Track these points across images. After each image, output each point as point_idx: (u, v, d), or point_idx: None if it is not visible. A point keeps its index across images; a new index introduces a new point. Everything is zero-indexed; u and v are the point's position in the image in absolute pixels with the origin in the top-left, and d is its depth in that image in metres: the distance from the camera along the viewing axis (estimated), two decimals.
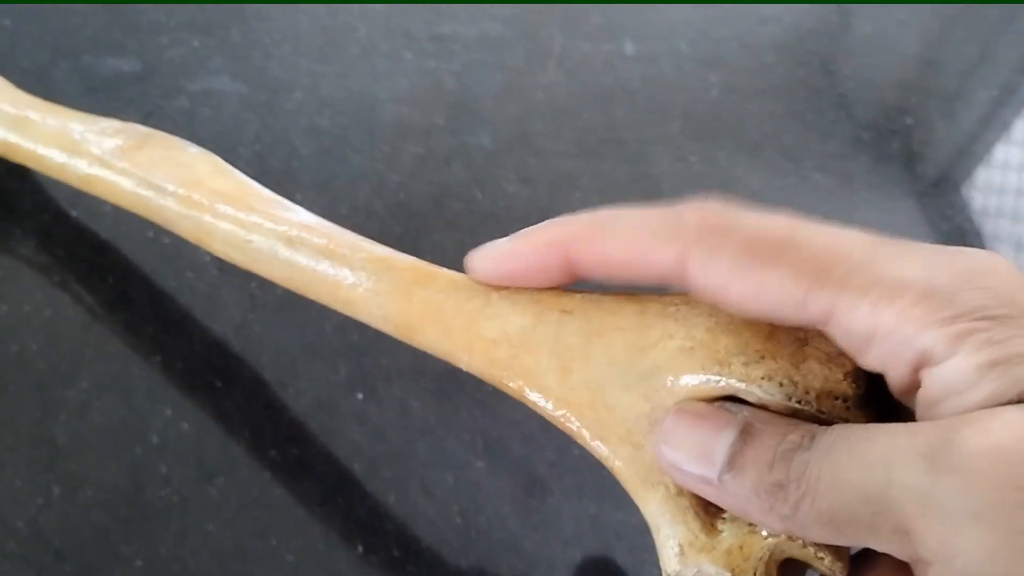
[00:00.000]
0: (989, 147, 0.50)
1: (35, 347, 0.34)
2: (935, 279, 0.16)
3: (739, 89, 0.46)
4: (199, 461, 0.32)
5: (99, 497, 0.31)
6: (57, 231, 0.36)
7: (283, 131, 0.41)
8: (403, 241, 0.25)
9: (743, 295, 0.18)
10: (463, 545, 0.31)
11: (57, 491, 0.31)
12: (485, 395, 0.34)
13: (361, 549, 0.31)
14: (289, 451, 0.33)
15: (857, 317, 0.17)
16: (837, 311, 0.17)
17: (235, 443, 0.32)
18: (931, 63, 0.51)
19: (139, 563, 0.30)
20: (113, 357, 0.34)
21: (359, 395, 0.34)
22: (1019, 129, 0.50)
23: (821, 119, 0.45)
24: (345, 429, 0.33)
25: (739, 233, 0.18)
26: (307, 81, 0.43)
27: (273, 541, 0.31)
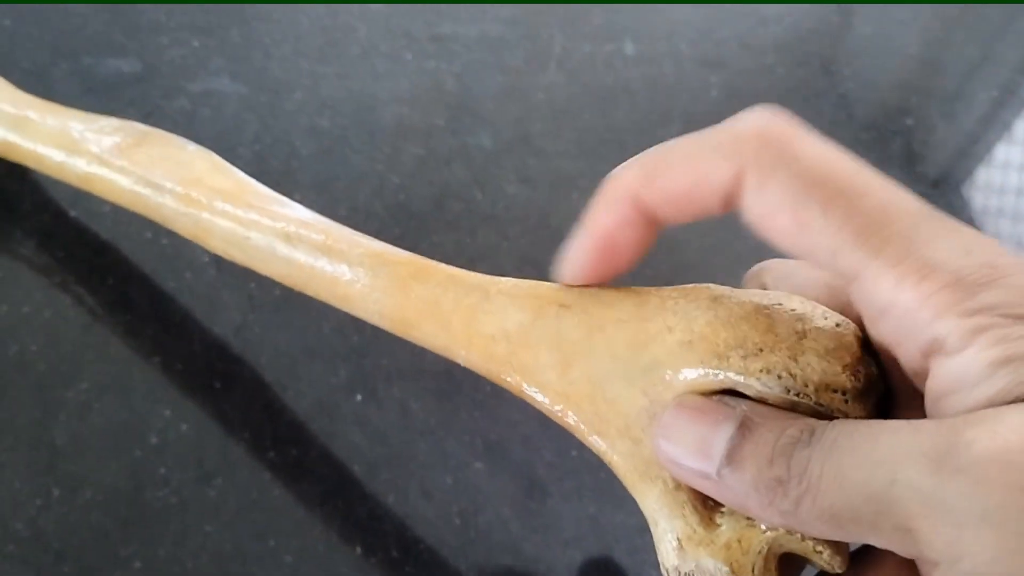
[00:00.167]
0: (990, 147, 0.50)
1: (35, 348, 0.34)
2: (965, 268, 0.16)
3: (739, 90, 0.46)
4: (198, 462, 0.32)
5: (98, 498, 0.31)
6: (57, 232, 0.36)
7: (283, 132, 0.41)
8: (402, 242, 0.25)
9: (786, 229, 0.17)
10: (462, 546, 0.31)
11: (56, 492, 0.31)
12: (484, 396, 0.34)
13: (360, 550, 0.31)
14: (288, 452, 0.33)
15: (881, 287, 0.17)
16: (864, 274, 0.17)
17: (234, 444, 0.32)
18: (931, 63, 0.51)
19: (138, 564, 0.30)
20: (113, 358, 0.34)
21: (358, 396, 0.34)
22: (1020, 129, 0.50)
23: (821, 119, 0.45)
24: (344, 430, 0.33)
25: (797, 162, 0.17)
26: (307, 82, 0.43)
27: (272, 542, 0.31)
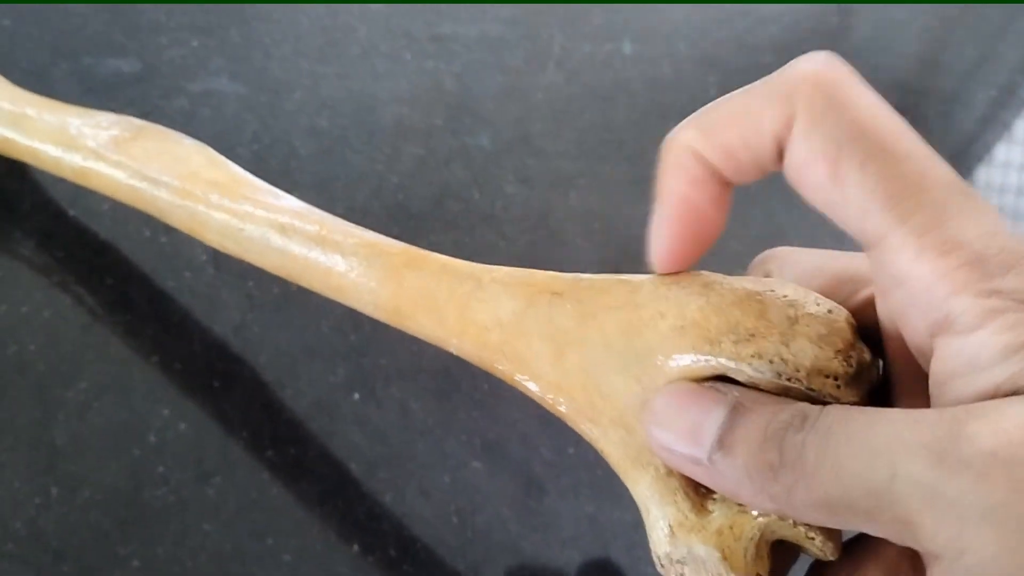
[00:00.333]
0: (989, 147, 0.50)
1: (34, 347, 0.34)
2: (989, 250, 0.16)
3: (737, 88, 0.46)
4: (197, 462, 0.32)
5: (97, 498, 0.31)
6: (56, 232, 0.37)
7: (282, 132, 0.41)
8: (401, 241, 0.25)
9: (821, 181, 0.17)
10: (460, 545, 0.31)
11: (56, 492, 0.31)
12: (483, 396, 0.34)
13: (358, 549, 0.31)
14: (287, 451, 0.33)
15: (901, 256, 0.16)
16: (887, 240, 0.17)
17: (233, 443, 0.33)
18: (930, 63, 0.51)
19: (137, 563, 0.30)
20: (112, 358, 0.34)
21: (357, 396, 0.34)
22: (1019, 129, 0.50)
23: None
24: (343, 430, 0.33)
25: (847, 111, 0.17)
26: (307, 82, 0.43)
27: (271, 541, 0.31)
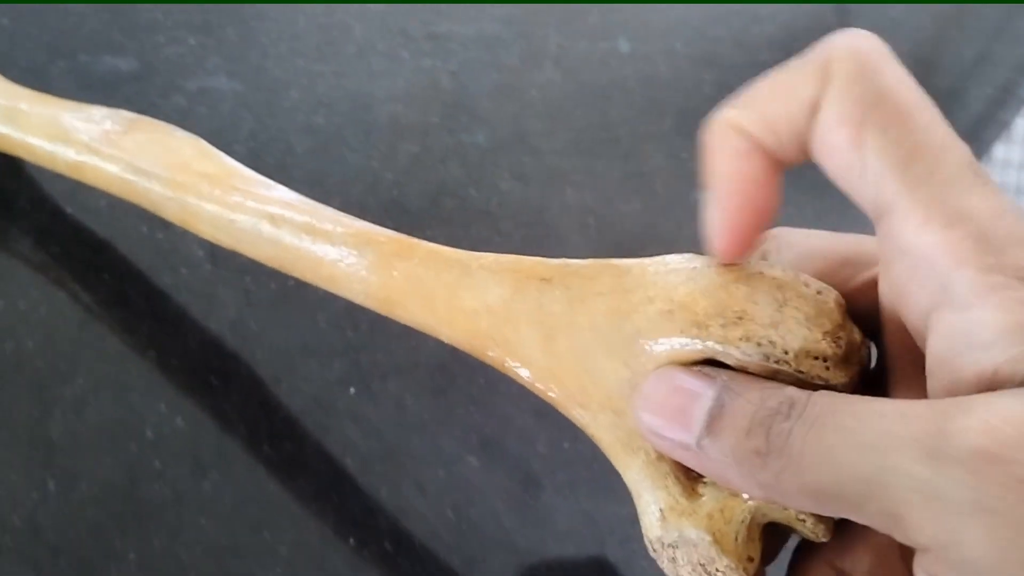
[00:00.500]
0: (988, 146, 0.50)
1: (31, 344, 0.34)
2: (996, 225, 0.16)
3: (733, 87, 0.46)
4: (194, 457, 0.32)
5: (94, 492, 0.31)
6: (52, 229, 0.37)
7: (279, 129, 0.41)
8: None
9: (842, 145, 0.17)
10: (456, 539, 0.31)
11: (53, 486, 0.31)
12: (479, 391, 0.34)
13: (354, 543, 0.31)
14: (283, 446, 0.33)
15: (907, 225, 0.16)
16: (895, 209, 0.17)
17: (230, 439, 0.33)
18: (928, 62, 0.51)
19: (133, 557, 0.30)
20: (108, 354, 0.34)
21: (353, 391, 0.34)
22: (1018, 128, 0.50)
23: None
24: (339, 425, 0.33)
25: (877, 79, 0.17)
26: (303, 80, 0.43)
27: (267, 535, 0.31)
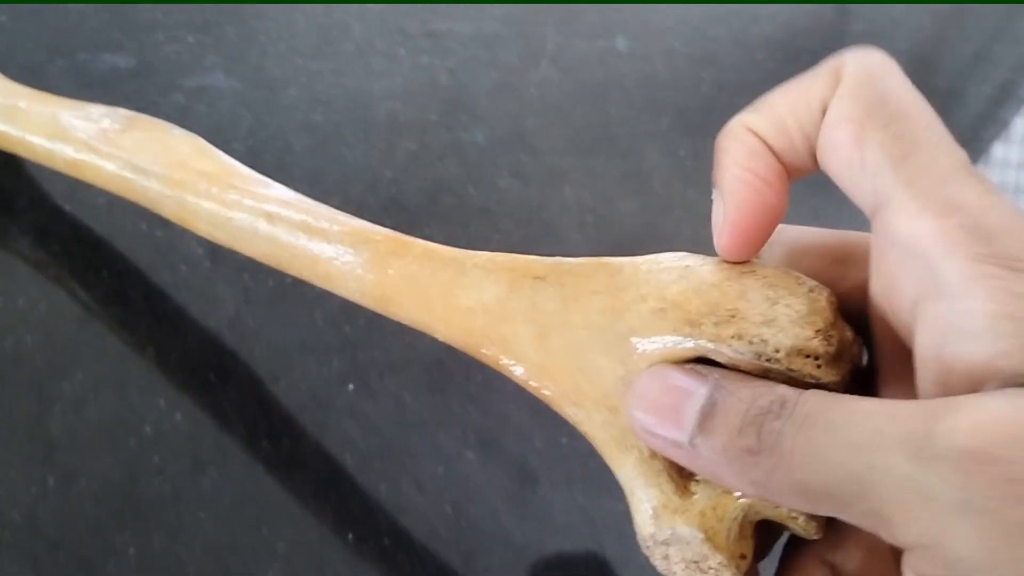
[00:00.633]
0: (987, 146, 0.50)
1: (30, 341, 0.34)
2: (989, 215, 0.16)
3: (730, 85, 0.47)
4: (193, 453, 0.32)
5: (94, 488, 0.31)
6: (52, 227, 0.37)
7: (278, 127, 0.41)
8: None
9: (844, 141, 0.17)
10: (454, 535, 0.32)
11: (52, 482, 0.31)
12: (476, 388, 0.34)
13: (352, 539, 0.31)
14: (282, 443, 0.33)
15: (901, 215, 0.17)
16: (891, 201, 0.17)
17: (228, 435, 0.33)
18: (927, 62, 0.51)
19: (132, 552, 0.30)
20: (108, 351, 0.34)
21: (351, 388, 0.34)
22: (1017, 128, 0.50)
23: None
24: (337, 422, 0.33)
25: (883, 84, 0.18)
26: (302, 78, 0.43)
27: (265, 531, 0.31)
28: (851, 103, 0.18)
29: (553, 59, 0.46)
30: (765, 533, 0.19)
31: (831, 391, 0.17)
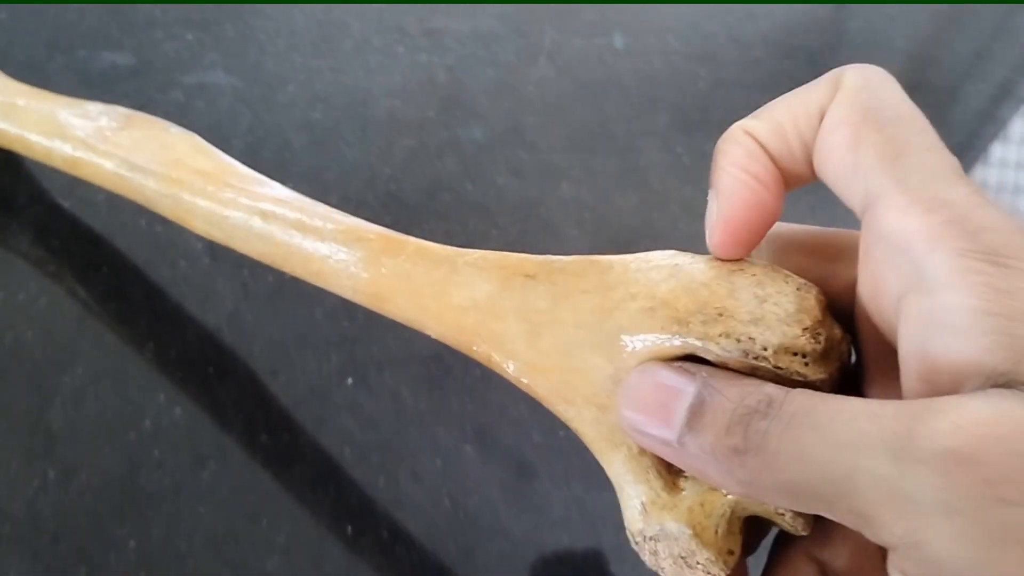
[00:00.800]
0: (986, 145, 0.50)
1: (31, 336, 0.34)
2: (974, 212, 0.16)
3: (727, 82, 0.47)
4: (192, 446, 0.32)
5: (94, 481, 0.31)
6: (51, 223, 0.37)
7: (276, 124, 0.42)
8: (393, 231, 0.26)
9: (840, 143, 0.18)
10: (452, 528, 0.32)
11: (53, 475, 0.31)
12: (474, 381, 0.35)
13: (351, 532, 0.31)
14: (281, 437, 0.33)
15: (889, 212, 0.17)
16: (881, 199, 0.17)
17: (228, 429, 0.33)
18: (925, 61, 0.51)
19: (132, 545, 0.30)
20: (107, 345, 0.34)
21: (350, 382, 0.34)
22: (1015, 127, 0.50)
23: None
24: (336, 415, 0.34)
25: (880, 90, 0.18)
26: (301, 76, 0.44)
27: (264, 524, 0.31)
28: (848, 109, 0.18)
29: (551, 57, 0.47)
30: (753, 529, 0.20)
31: (819, 389, 0.18)
